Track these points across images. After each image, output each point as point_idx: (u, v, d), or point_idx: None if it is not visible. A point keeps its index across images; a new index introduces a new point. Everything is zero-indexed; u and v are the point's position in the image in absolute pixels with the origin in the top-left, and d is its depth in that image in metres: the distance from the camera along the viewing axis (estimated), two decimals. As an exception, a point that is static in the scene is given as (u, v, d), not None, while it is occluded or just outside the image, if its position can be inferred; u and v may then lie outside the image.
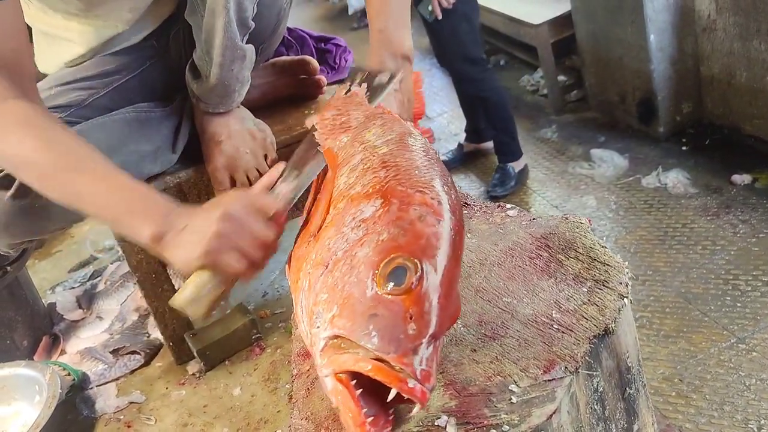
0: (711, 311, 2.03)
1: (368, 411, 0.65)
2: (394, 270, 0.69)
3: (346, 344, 0.67)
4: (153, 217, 0.93)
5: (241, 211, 0.92)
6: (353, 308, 0.68)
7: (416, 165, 0.84)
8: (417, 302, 0.68)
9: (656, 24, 2.49)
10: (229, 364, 1.54)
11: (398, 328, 0.66)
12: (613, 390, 0.82)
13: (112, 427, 1.51)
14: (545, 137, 3.15)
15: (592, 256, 0.89)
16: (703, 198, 2.44)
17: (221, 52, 1.25)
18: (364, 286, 0.69)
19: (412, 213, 0.75)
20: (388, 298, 0.68)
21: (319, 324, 0.70)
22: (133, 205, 0.95)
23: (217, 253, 0.90)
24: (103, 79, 1.37)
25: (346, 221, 0.78)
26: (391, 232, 0.73)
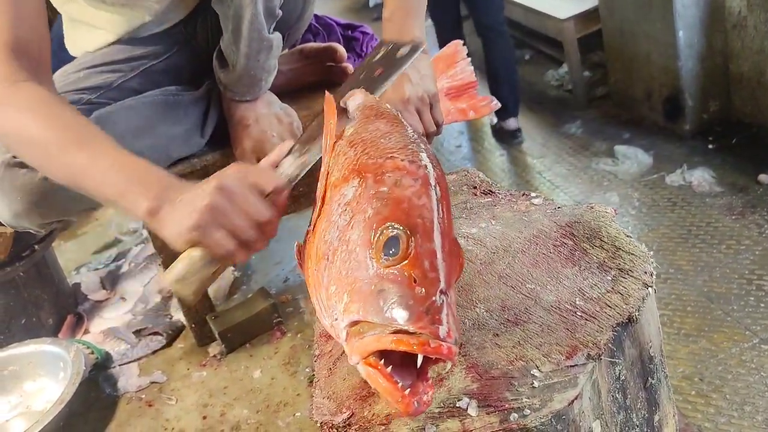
0: (733, 311, 2.01)
1: (404, 383, 0.65)
2: (388, 241, 0.70)
3: (365, 327, 0.67)
4: (151, 191, 0.89)
5: (237, 184, 0.86)
6: (361, 290, 0.69)
7: (380, 134, 0.85)
8: (417, 264, 0.68)
9: (685, 20, 2.46)
10: (249, 347, 1.56)
11: (406, 295, 0.66)
12: (635, 379, 0.82)
13: (133, 406, 1.53)
14: (569, 133, 3.13)
15: (617, 246, 0.89)
16: (728, 197, 2.41)
17: (248, 43, 1.26)
18: (365, 266, 0.70)
19: (388, 181, 0.75)
20: (389, 270, 0.68)
21: (337, 315, 0.71)
22: (132, 180, 0.92)
23: (207, 228, 0.85)
24: (131, 63, 1.38)
25: (333, 209, 0.78)
26: (374, 206, 0.73)
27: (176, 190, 0.89)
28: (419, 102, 1.10)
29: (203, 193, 0.85)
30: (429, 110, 1.11)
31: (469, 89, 1.29)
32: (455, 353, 0.64)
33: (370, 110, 0.95)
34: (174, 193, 0.89)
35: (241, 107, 1.39)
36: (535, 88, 3.53)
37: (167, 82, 1.41)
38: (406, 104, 1.08)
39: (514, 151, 3.09)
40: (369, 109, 0.96)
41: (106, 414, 1.54)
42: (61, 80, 1.34)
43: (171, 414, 1.47)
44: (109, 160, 0.94)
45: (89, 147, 0.96)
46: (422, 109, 1.11)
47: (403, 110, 1.07)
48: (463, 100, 1.30)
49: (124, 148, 1.00)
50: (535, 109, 3.40)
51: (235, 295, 1.81)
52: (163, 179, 0.92)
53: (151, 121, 1.34)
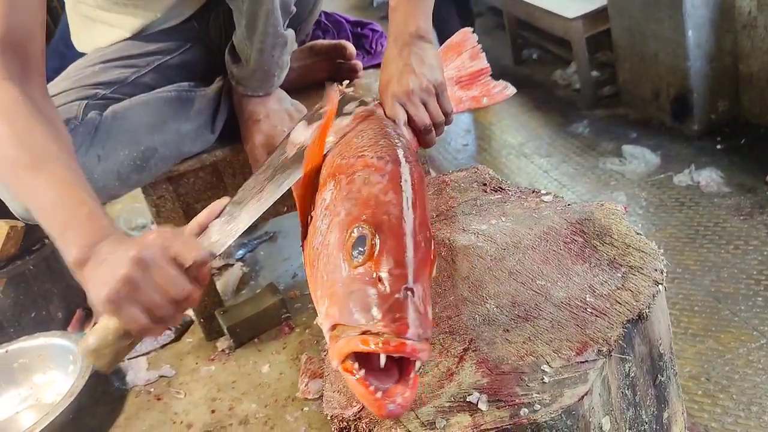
0: (741, 311, 2.01)
1: (380, 386, 0.64)
2: (356, 241, 0.70)
3: (340, 330, 0.67)
4: (84, 239, 0.83)
5: (155, 256, 0.79)
6: (336, 293, 0.69)
7: (355, 134, 0.85)
8: (380, 263, 0.68)
9: (695, 20, 2.45)
10: (258, 342, 1.57)
11: (370, 295, 0.66)
12: (644, 376, 0.83)
13: (142, 399, 1.55)
14: (576, 132, 3.13)
15: (627, 243, 0.89)
16: (736, 197, 2.41)
17: (262, 38, 1.27)
18: (339, 269, 0.70)
19: (357, 180, 0.76)
20: (357, 270, 0.68)
21: (321, 320, 0.71)
22: (72, 223, 0.85)
23: (121, 302, 0.78)
24: (145, 58, 1.39)
25: (318, 215, 0.79)
26: (345, 207, 0.74)
27: (108, 244, 0.82)
28: (424, 93, 1.08)
29: (121, 262, 0.78)
30: (435, 100, 1.10)
31: (481, 76, 1.27)
32: (420, 350, 0.64)
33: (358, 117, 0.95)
34: (103, 247, 0.82)
35: (252, 102, 1.39)
36: (543, 87, 3.52)
37: (180, 78, 1.42)
38: (410, 96, 1.06)
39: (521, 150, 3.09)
40: (357, 117, 0.96)
41: (115, 407, 1.55)
42: (75, 74, 1.35)
43: (179, 408, 1.48)
44: (55, 193, 0.88)
45: (42, 172, 0.89)
46: (428, 100, 1.08)
47: (407, 102, 1.06)
48: (476, 87, 1.28)
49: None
50: (543, 108, 3.40)
51: (243, 291, 1.82)
52: (99, 230, 0.84)
53: (163, 118, 1.35)
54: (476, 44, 1.29)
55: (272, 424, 1.35)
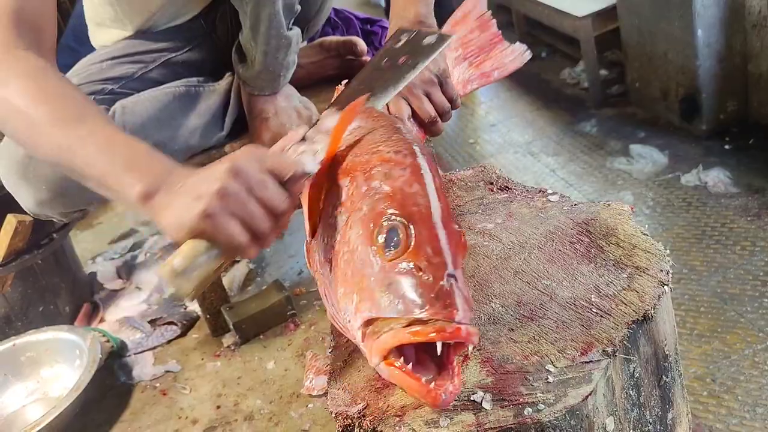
0: (747, 312, 2.00)
1: (428, 377, 0.64)
2: (388, 234, 0.69)
3: (379, 325, 0.67)
4: (148, 173, 0.79)
5: (253, 168, 0.75)
6: (369, 287, 0.68)
7: (364, 132, 0.84)
8: (419, 252, 0.67)
9: (705, 19, 2.44)
10: (263, 339, 1.57)
11: (414, 285, 0.66)
12: (649, 377, 0.82)
13: (148, 394, 1.55)
14: (584, 131, 3.12)
15: (633, 243, 0.89)
16: (744, 198, 2.40)
17: (266, 41, 1.27)
18: (369, 263, 0.69)
19: (377, 175, 0.75)
20: (393, 262, 0.68)
21: (350, 318, 0.70)
22: (127, 161, 0.81)
23: (217, 216, 0.73)
24: (152, 54, 1.40)
25: (328, 213, 0.78)
26: (368, 202, 0.73)
27: (178, 175, 0.79)
28: (426, 84, 1.05)
29: (214, 176, 0.74)
30: (439, 89, 1.07)
31: (492, 46, 1.20)
32: (473, 333, 0.64)
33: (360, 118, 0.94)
34: (175, 178, 0.78)
35: (260, 100, 1.40)
36: (551, 85, 3.52)
37: (188, 74, 1.43)
38: (411, 90, 1.04)
39: (528, 148, 3.08)
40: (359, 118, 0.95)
41: (121, 401, 1.56)
42: (83, 71, 1.36)
43: (185, 403, 1.49)
44: (103, 138, 0.85)
45: (84, 123, 0.86)
46: (430, 90, 1.06)
47: (410, 96, 1.04)
48: (488, 60, 1.20)
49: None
50: (551, 106, 3.39)
51: (249, 287, 1.83)
52: (163, 163, 0.82)
53: (172, 113, 1.35)
54: (484, 11, 1.22)
55: (277, 420, 1.36)
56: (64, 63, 1.40)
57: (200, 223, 0.73)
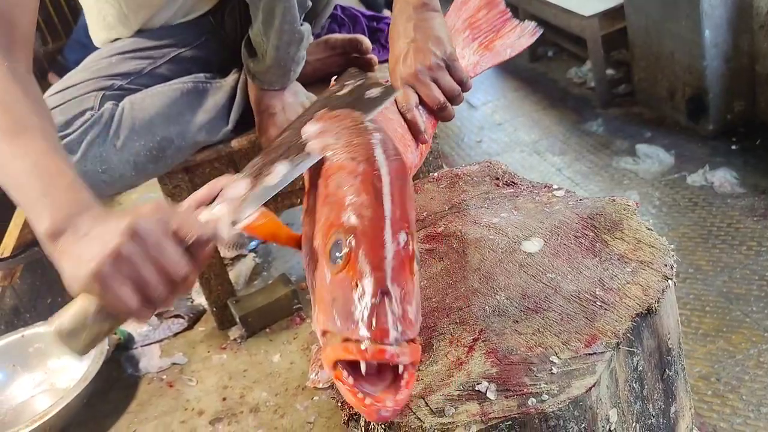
0: (753, 312, 2.00)
1: (369, 391, 0.62)
2: (333, 247, 0.68)
3: (328, 338, 0.66)
4: (61, 209, 0.72)
5: (153, 229, 0.69)
6: (323, 300, 0.68)
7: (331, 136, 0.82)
8: (354, 266, 0.66)
9: (712, 19, 2.44)
10: (269, 332, 1.58)
11: (348, 301, 0.64)
12: (652, 370, 0.83)
13: (154, 386, 1.56)
14: (590, 130, 3.12)
15: (637, 238, 0.90)
16: (750, 198, 2.40)
17: (279, 35, 1.27)
18: (322, 275, 0.69)
19: (331, 184, 0.74)
20: (337, 277, 0.67)
21: (314, 327, 0.71)
22: (48, 191, 0.74)
23: (108, 279, 0.67)
24: (160, 50, 1.41)
25: (305, 220, 0.79)
26: (324, 212, 0.73)
27: (91, 218, 0.72)
28: (433, 71, 1.02)
29: (112, 233, 0.68)
30: (446, 74, 1.03)
31: (501, 24, 1.16)
32: (399, 354, 0.61)
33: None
34: (83, 219, 0.72)
35: (267, 96, 1.41)
36: (557, 85, 3.52)
37: (196, 70, 1.44)
38: (418, 77, 1.01)
39: (534, 147, 3.09)
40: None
41: (128, 393, 1.57)
42: (91, 66, 1.37)
43: (191, 395, 1.50)
44: (32, 163, 0.77)
45: (18, 140, 0.79)
46: (438, 76, 1.02)
47: (417, 83, 1.02)
48: (497, 39, 1.16)
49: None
50: (557, 105, 3.39)
51: (255, 281, 1.84)
52: (80, 200, 0.74)
53: (179, 109, 1.36)
54: None
55: (282, 412, 1.37)
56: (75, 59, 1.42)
57: (90, 283, 0.68)
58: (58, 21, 3.60)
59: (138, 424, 1.50)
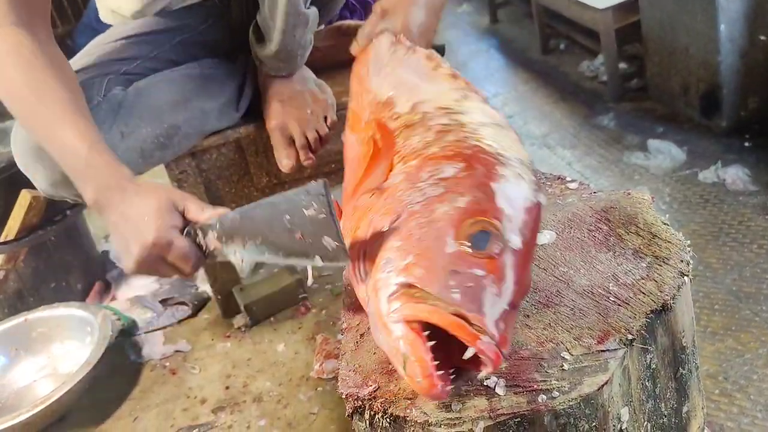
0: (762, 311, 1.98)
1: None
2: (478, 233, 0.69)
3: (420, 293, 0.66)
4: (98, 186, 0.94)
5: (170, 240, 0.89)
6: (432, 261, 0.68)
7: (496, 137, 0.83)
8: (499, 269, 0.68)
9: (728, 14, 2.40)
10: (274, 321, 1.57)
11: (481, 290, 0.66)
12: (665, 368, 0.81)
13: (157, 373, 1.56)
14: (601, 125, 3.09)
15: (653, 233, 0.88)
16: (762, 196, 2.37)
17: (284, 18, 1.26)
18: (444, 241, 0.69)
19: (496, 175, 0.75)
20: (470, 258, 0.68)
21: (390, 269, 0.70)
22: (86, 169, 0.95)
23: (146, 269, 0.91)
24: (166, 35, 1.40)
25: (422, 177, 0.77)
26: (476, 195, 0.72)
27: (122, 198, 0.92)
28: None
29: (144, 242, 0.88)
30: None
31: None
32: (500, 364, 0.65)
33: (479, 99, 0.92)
34: (121, 199, 0.92)
35: (276, 82, 1.39)
36: (569, 78, 3.49)
37: (204, 55, 1.42)
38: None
39: (544, 141, 3.06)
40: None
41: (130, 379, 1.56)
42: (96, 51, 1.35)
43: (194, 383, 1.49)
44: (71, 142, 0.96)
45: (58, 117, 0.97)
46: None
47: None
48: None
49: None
50: (568, 99, 3.36)
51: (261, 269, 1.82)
52: (113, 177, 0.94)
53: (187, 95, 1.35)
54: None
55: (285, 402, 1.36)
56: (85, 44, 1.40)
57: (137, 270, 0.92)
58: (67, 4, 3.57)
59: (140, 411, 1.49)
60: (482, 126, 0.85)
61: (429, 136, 0.84)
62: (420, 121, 0.89)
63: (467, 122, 0.85)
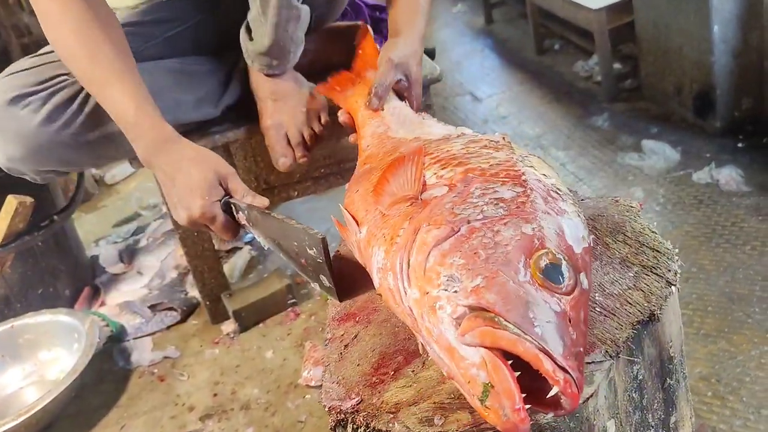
0: (755, 313, 1.97)
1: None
2: (550, 265, 0.67)
3: (495, 319, 0.63)
4: (146, 145, 1.08)
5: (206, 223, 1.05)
6: (505, 287, 0.65)
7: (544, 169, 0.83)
8: (576, 307, 0.65)
9: (721, 14, 2.39)
10: (263, 327, 1.56)
11: (563, 327, 0.63)
12: (652, 379, 0.80)
13: (146, 380, 1.54)
14: (596, 125, 3.08)
15: (640, 241, 0.86)
16: (756, 197, 2.36)
17: (277, 12, 1.25)
18: (515, 268, 0.66)
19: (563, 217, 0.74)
20: (546, 291, 0.65)
21: (456, 288, 0.67)
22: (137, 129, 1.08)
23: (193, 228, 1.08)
24: (154, 28, 1.39)
25: (473, 192, 0.75)
26: (542, 225, 0.71)
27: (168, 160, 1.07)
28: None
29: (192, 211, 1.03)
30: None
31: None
32: (576, 408, 0.62)
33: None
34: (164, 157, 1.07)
35: (269, 82, 1.38)
36: (563, 78, 3.48)
37: (191, 52, 1.42)
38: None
39: (538, 141, 3.05)
40: None
41: (118, 386, 1.55)
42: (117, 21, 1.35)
43: (182, 390, 1.47)
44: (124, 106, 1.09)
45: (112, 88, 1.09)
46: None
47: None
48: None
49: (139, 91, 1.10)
50: (563, 99, 3.36)
51: (250, 275, 1.81)
52: (158, 139, 1.08)
53: (161, 85, 1.34)
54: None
55: (273, 410, 1.34)
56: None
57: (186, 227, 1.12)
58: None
59: (127, 418, 1.48)
60: (530, 155, 0.84)
61: (473, 147, 0.83)
62: (459, 136, 0.90)
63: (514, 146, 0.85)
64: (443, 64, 4.08)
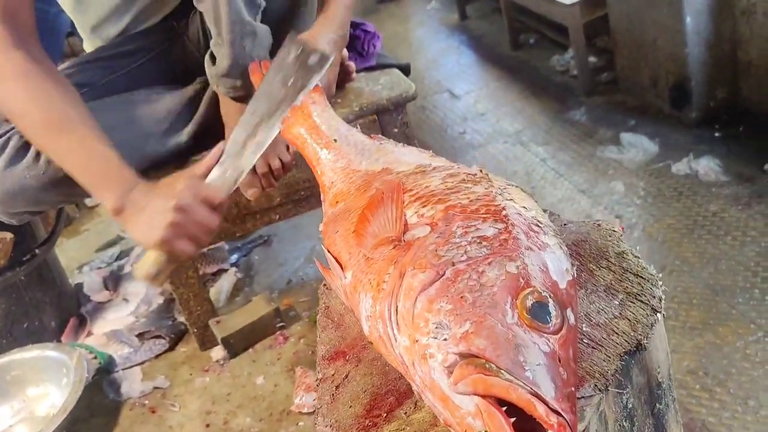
0: (739, 304, 1.99)
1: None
2: (537, 304, 0.66)
3: (486, 366, 0.62)
4: (116, 189, 1.06)
5: (192, 202, 1.04)
6: (494, 331, 0.64)
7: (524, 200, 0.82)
8: (564, 346, 0.65)
9: (693, 6, 2.41)
10: (252, 352, 1.55)
11: (553, 369, 0.63)
12: (642, 406, 0.80)
13: (137, 412, 1.53)
14: (574, 119, 3.09)
15: (624, 267, 0.87)
16: (734, 186, 2.38)
17: (230, 29, 1.25)
18: (502, 309, 0.66)
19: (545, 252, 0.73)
20: (535, 332, 0.65)
21: (446, 336, 0.66)
22: (103, 175, 1.07)
23: (172, 240, 1.03)
24: (121, 60, 1.39)
25: (455, 232, 0.74)
26: (526, 263, 0.70)
27: (139, 192, 1.06)
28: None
29: (166, 210, 1.02)
30: None
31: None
32: None
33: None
34: (136, 195, 1.05)
35: (237, 107, 1.36)
36: (540, 73, 3.48)
37: (157, 81, 1.43)
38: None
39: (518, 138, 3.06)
40: None
41: (109, 420, 1.54)
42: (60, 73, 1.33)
43: (174, 421, 1.47)
44: (84, 152, 1.08)
45: (67, 132, 1.08)
46: None
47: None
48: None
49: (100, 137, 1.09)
50: (539, 94, 3.36)
51: (237, 297, 1.80)
52: (127, 182, 1.07)
53: (126, 118, 1.35)
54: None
55: (267, 438, 1.34)
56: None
57: (160, 245, 1.04)
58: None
59: (121, 452, 1.47)
60: (509, 186, 0.83)
61: (451, 182, 0.82)
62: (435, 168, 0.88)
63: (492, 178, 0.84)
64: (419, 62, 4.09)
